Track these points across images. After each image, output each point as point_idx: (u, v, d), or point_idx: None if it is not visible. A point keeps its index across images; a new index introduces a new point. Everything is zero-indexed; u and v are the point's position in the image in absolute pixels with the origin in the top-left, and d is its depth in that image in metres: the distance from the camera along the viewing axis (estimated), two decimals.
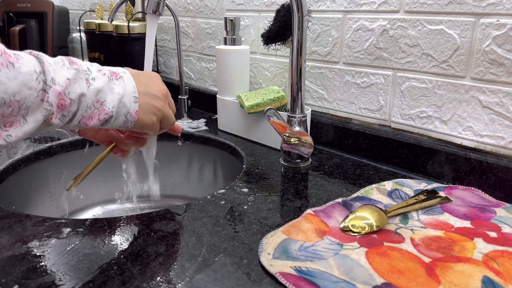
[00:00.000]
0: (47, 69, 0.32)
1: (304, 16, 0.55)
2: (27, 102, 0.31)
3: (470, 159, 0.52)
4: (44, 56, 0.33)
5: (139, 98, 0.39)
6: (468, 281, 0.33)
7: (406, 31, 0.58)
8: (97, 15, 1.11)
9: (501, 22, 0.49)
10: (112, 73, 0.37)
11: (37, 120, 0.32)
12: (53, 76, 0.32)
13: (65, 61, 0.34)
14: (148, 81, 0.41)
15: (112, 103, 0.36)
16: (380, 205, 0.46)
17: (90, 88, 0.35)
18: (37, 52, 0.33)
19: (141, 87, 0.39)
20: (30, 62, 0.31)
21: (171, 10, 0.79)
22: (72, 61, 0.35)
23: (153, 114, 0.40)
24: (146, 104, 0.39)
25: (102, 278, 0.34)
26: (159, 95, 0.41)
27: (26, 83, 0.30)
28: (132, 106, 0.38)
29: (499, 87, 0.51)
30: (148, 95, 0.40)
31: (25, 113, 0.31)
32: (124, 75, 0.38)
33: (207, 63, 0.94)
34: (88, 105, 0.35)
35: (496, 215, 0.44)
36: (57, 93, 0.32)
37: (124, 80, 0.38)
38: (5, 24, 1.23)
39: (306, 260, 0.36)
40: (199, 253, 0.38)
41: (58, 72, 0.33)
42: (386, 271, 0.35)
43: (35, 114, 0.32)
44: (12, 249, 0.38)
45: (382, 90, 0.62)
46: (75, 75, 0.34)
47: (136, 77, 0.39)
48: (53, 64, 0.33)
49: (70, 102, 0.33)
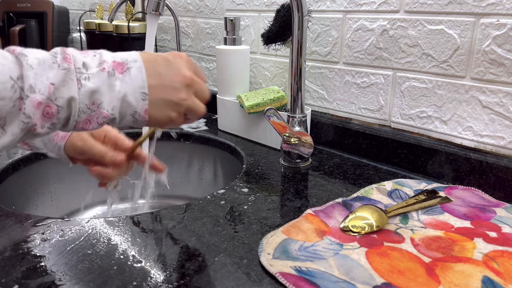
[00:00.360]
0: (26, 74, 0.28)
1: (304, 16, 0.55)
2: (1, 113, 0.27)
3: (470, 159, 0.52)
4: (29, 55, 0.29)
5: (149, 93, 0.32)
6: (468, 281, 0.33)
7: (406, 31, 0.58)
8: (97, 15, 1.10)
9: (501, 22, 0.49)
10: (117, 66, 0.32)
11: (14, 133, 0.28)
12: (33, 83, 0.28)
13: (58, 57, 0.30)
14: (165, 69, 0.34)
15: (111, 104, 0.31)
16: (380, 205, 0.46)
17: (81, 90, 0.30)
18: (20, 50, 0.29)
19: (154, 79, 0.33)
20: (6, 66, 0.27)
21: (171, 10, 0.79)
22: (66, 55, 0.30)
23: (170, 109, 0.34)
24: (159, 100, 0.33)
25: (102, 278, 0.34)
26: (178, 86, 0.34)
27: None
28: (139, 104, 0.32)
29: (499, 87, 0.51)
30: (163, 88, 0.33)
31: (2, 123, 0.27)
32: (133, 66, 0.32)
33: (207, 63, 0.94)
34: (81, 109, 0.30)
35: (496, 215, 0.44)
36: (37, 103, 0.28)
37: (131, 73, 0.32)
38: (5, 24, 1.23)
39: (306, 260, 0.36)
40: (199, 253, 0.38)
41: (40, 76, 0.28)
42: (386, 271, 0.35)
43: (12, 126, 0.28)
44: (12, 249, 0.38)
45: (382, 90, 0.62)
46: (63, 77, 0.29)
47: (152, 65, 0.33)
48: (35, 67, 0.28)
49: (57, 109, 0.29)
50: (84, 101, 0.30)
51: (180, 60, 0.35)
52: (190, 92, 0.35)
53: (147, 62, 0.33)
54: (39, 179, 0.68)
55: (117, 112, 0.32)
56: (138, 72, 0.32)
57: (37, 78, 0.28)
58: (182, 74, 0.34)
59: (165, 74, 0.33)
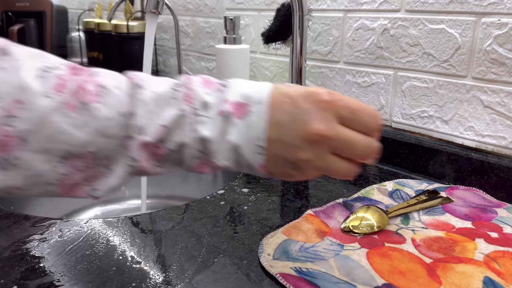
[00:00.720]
0: (138, 112, 0.24)
1: (304, 15, 0.55)
2: (106, 152, 0.24)
3: (472, 159, 0.52)
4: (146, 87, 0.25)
5: (267, 148, 0.27)
6: (469, 281, 0.33)
7: (407, 30, 0.57)
8: (96, 14, 1.10)
9: (503, 22, 0.49)
10: (238, 107, 0.26)
11: (120, 175, 0.25)
12: (143, 123, 0.25)
13: (179, 93, 0.26)
14: (289, 118, 0.26)
15: (223, 155, 0.27)
16: (381, 205, 0.46)
17: (194, 136, 0.26)
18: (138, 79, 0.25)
19: (274, 131, 0.26)
20: (118, 98, 0.24)
21: (171, 9, 0.79)
22: (188, 92, 0.26)
23: (288, 168, 0.28)
24: (276, 156, 0.27)
25: (101, 279, 0.34)
26: (298, 143, 0.26)
27: (101, 131, 0.24)
28: (255, 158, 0.27)
29: (501, 87, 0.51)
30: (281, 143, 0.26)
31: (107, 163, 0.25)
32: (256, 109, 0.26)
33: (207, 62, 0.94)
34: (193, 155, 0.27)
35: (498, 216, 0.44)
36: (144, 145, 0.25)
37: (250, 119, 0.26)
38: (3, 23, 1.22)
39: (306, 261, 0.36)
40: (198, 254, 0.38)
41: (154, 115, 0.25)
42: (387, 272, 0.34)
43: (118, 166, 0.25)
44: (11, 249, 0.38)
45: (383, 89, 0.62)
46: (178, 120, 0.26)
47: (274, 111, 0.26)
48: (150, 103, 0.25)
49: (167, 152, 0.26)
50: (196, 147, 0.27)
51: (314, 107, 0.26)
52: (318, 151, 0.26)
53: (274, 105, 0.27)
54: None
55: (231, 163, 0.28)
56: (258, 119, 0.26)
57: (149, 118, 0.25)
58: (307, 128, 0.26)
59: (287, 125, 0.26)
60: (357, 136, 0.27)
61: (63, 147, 0.23)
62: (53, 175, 0.24)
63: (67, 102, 0.23)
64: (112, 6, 0.96)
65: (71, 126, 0.23)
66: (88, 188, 0.26)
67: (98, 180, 0.25)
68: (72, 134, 0.23)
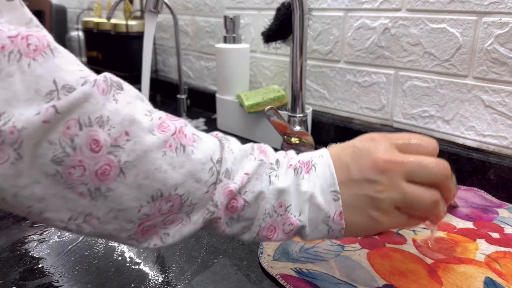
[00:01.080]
0: (225, 157, 0.26)
1: (304, 14, 0.54)
2: (192, 198, 0.24)
3: (473, 159, 0.52)
4: (231, 140, 0.27)
5: (341, 192, 0.26)
6: (471, 282, 0.33)
7: (408, 29, 0.57)
8: (95, 14, 1.10)
9: (504, 21, 0.49)
10: (303, 164, 0.27)
11: (197, 223, 0.25)
12: (230, 168, 0.25)
13: (255, 149, 0.27)
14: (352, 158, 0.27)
15: (298, 208, 0.27)
16: None
17: (271, 187, 0.26)
18: (225, 136, 0.27)
19: (343, 174, 0.26)
20: (209, 145, 0.25)
21: (170, 8, 0.79)
22: (262, 149, 0.28)
23: (369, 208, 0.26)
24: (352, 199, 0.26)
25: (100, 280, 0.34)
26: (371, 175, 0.26)
27: (194, 174, 0.24)
28: (332, 206, 0.26)
29: (502, 87, 0.50)
30: (353, 182, 0.26)
31: (189, 210, 0.25)
32: (318, 162, 0.27)
33: (207, 62, 0.94)
34: (267, 211, 0.26)
35: (499, 216, 0.44)
36: (228, 191, 0.25)
37: (317, 169, 0.27)
38: None
39: (306, 262, 0.36)
40: (198, 255, 0.37)
41: (239, 163, 0.26)
42: (387, 273, 0.34)
43: (197, 214, 0.25)
44: (9, 250, 0.38)
45: (383, 89, 0.62)
46: (257, 169, 0.26)
47: (337, 158, 0.27)
48: (236, 152, 0.26)
49: (243, 204, 0.26)
50: (271, 201, 0.26)
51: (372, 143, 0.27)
52: (392, 178, 0.26)
53: (334, 155, 0.28)
54: None
55: (306, 219, 0.27)
56: (325, 167, 0.27)
57: (235, 164, 0.26)
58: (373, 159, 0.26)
59: (352, 163, 0.26)
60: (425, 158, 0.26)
61: (157, 186, 0.23)
62: (137, 214, 0.24)
63: (168, 141, 0.24)
64: (111, 5, 0.96)
65: (168, 165, 0.23)
66: (162, 231, 0.25)
67: (174, 226, 0.25)
68: (168, 173, 0.23)
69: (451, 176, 0.27)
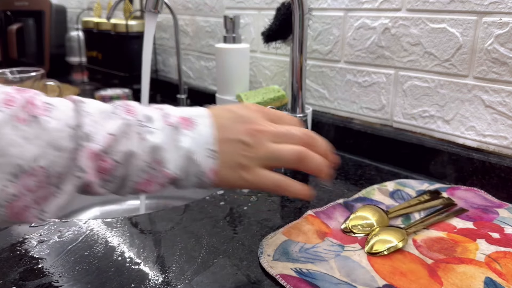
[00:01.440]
0: (83, 121, 0.25)
1: (304, 14, 0.54)
2: (56, 167, 0.24)
3: (473, 159, 0.52)
4: (88, 103, 0.26)
5: (217, 150, 0.29)
6: (471, 282, 0.33)
7: (408, 29, 0.57)
8: (95, 14, 1.10)
9: (504, 21, 0.49)
10: (183, 121, 0.29)
11: (69, 192, 0.25)
12: (89, 131, 0.25)
13: (119, 108, 0.27)
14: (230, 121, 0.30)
15: (174, 164, 0.28)
16: (382, 206, 0.46)
17: (143, 145, 0.27)
18: (80, 98, 0.27)
19: (221, 133, 0.29)
20: (64, 112, 0.25)
21: (170, 8, 0.79)
22: (128, 107, 0.28)
23: (237, 166, 0.29)
24: (226, 157, 0.29)
25: (100, 280, 0.34)
26: (244, 138, 0.30)
27: (53, 143, 0.24)
28: (207, 163, 0.28)
29: (502, 86, 0.50)
30: (228, 142, 0.29)
31: (58, 181, 0.25)
32: (201, 122, 0.29)
33: (207, 62, 0.94)
34: (141, 168, 0.27)
35: (499, 216, 0.44)
36: (92, 154, 0.25)
37: (199, 128, 0.29)
38: (2, 22, 1.22)
39: (306, 262, 0.36)
40: (198, 255, 0.37)
41: (99, 124, 0.26)
42: (387, 273, 0.34)
43: (68, 184, 0.25)
44: (9, 250, 0.38)
45: (384, 89, 0.62)
46: (124, 128, 0.26)
47: (219, 118, 0.30)
48: (95, 114, 0.26)
49: (114, 164, 0.26)
50: (145, 158, 0.27)
51: (250, 112, 0.31)
52: (261, 141, 0.30)
53: (214, 116, 0.30)
54: None
55: (182, 173, 0.28)
56: (205, 126, 0.29)
57: (95, 126, 0.26)
58: (249, 125, 0.30)
59: (231, 126, 0.30)
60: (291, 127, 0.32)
61: (15, 161, 0.23)
62: (3, 196, 0.23)
63: (16, 115, 0.23)
64: (111, 5, 0.96)
65: (22, 139, 0.23)
66: (37, 211, 0.25)
67: (48, 201, 0.25)
68: (24, 146, 0.23)
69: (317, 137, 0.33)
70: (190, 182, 0.29)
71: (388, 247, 0.37)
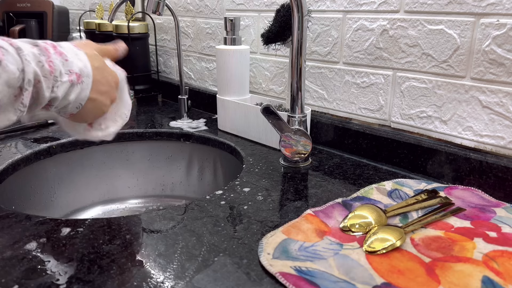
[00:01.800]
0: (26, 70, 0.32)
1: (304, 16, 0.55)
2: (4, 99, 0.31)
3: (470, 159, 0.52)
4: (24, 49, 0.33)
5: (85, 104, 0.39)
6: (468, 281, 0.33)
7: (406, 31, 0.58)
8: (97, 15, 1.10)
9: (501, 22, 0.49)
10: (78, 77, 0.38)
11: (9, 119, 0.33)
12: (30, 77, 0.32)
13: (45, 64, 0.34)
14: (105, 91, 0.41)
15: (59, 105, 0.37)
16: (380, 205, 0.46)
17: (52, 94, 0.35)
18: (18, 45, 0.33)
19: (94, 95, 0.39)
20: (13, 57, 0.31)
21: (171, 10, 0.79)
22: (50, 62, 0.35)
23: (93, 117, 0.42)
24: (89, 109, 0.40)
25: (102, 278, 0.34)
26: (107, 102, 0.42)
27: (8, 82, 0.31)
28: (71, 110, 0.39)
29: (499, 87, 0.51)
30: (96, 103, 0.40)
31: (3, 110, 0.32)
32: (85, 81, 0.38)
33: (207, 63, 0.94)
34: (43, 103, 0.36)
35: (496, 215, 0.44)
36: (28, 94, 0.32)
37: (83, 86, 0.38)
38: (5, 24, 1.23)
39: (306, 260, 0.36)
40: (199, 253, 0.38)
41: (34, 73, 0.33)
42: (386, 271, 0.35)
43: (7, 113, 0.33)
44: (12, 249, 0.38)
45: (382, 90, 0.62)
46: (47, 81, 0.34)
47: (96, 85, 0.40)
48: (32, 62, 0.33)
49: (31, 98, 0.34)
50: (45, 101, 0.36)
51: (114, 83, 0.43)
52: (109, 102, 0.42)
53: (95, 81, 0.39)
54: (39, 179, 0.68)
55: (58, 110, 0.38)
56: (86, 88, 0.39)
57: (32, 73, 0.33)
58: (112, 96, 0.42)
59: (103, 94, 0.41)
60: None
61: None
62: None
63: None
64: (113, 6, 0.96)
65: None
66: None
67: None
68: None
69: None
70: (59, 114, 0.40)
71: (386, 246, 0.38)
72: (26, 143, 0.69)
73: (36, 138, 0.72)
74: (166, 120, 0.84)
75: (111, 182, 0.77)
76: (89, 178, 0.75)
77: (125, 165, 0.78)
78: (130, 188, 0.79)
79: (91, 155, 0.75)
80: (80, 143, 0.72)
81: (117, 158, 0.77)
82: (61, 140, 0.71)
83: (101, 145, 0.75)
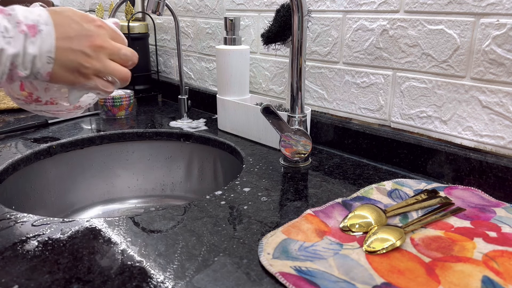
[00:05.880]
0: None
1: (304, 16, 0.55)
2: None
3: (470, 159, 0.52)
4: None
5: (56, 55, 0.35)
6: (468, 281, 0.33)
7: (406, 31, 0.58)
8: (97, 15, 1.10)
9: (501, 22, 0.49)
10: (30, 28, 0.34)
11: None
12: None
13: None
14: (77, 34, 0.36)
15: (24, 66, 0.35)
16: (380, 205, 0.46)
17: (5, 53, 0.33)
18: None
19: (63, 42, 0.36)
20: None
21: (171, 10, 0.79)
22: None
23: (76, 71, 0.37)
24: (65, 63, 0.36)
25: (101, 278, 0.34)
26: (86, 50, 0.37)
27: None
28: (45, 67, 0.35)
29: (499, 87, 0.51)
30: (71, 51, 0.36)
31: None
32: (44, 29, 0.35)
33: (207, 63, 0.94)
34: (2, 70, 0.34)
35: (496, 215, 0.44)
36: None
37: (42, 36, 0.34)
38: None
39: (306, 260, 0.36)
40: (199, 253, 0.38)
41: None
42: (386, 271, 0.35)
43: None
44: (12, 249, 0.38)
45: (382, 90, 0.63)
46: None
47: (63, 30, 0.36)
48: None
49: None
50: (6, 63, 0.34)
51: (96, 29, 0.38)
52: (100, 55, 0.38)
53: (60, 25, 0.36)
54: (39, 179, 0.68)
55: (28, 72, 0.35)
56: (48, 36, 0.35)
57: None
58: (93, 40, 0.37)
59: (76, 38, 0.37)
60: (122, 46, 0.40)
61: None
62: None
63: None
64: (113, 6, 0.96)
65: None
66: None
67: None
68: None
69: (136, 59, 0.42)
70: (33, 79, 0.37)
71: (386, 246, 0.38)
72: (26, 143, 0.69)
73: (36, 138, 0.72)
74: (166, 120, 0.85)
75: (111, 182, 0.77)
76: (89, 178, 0.75)
77: (125, 165, 0.78)
78: (130, 188, 0.79)
79: (91, 155, 0.75)
80: (80, 143, 0.73)
81: (117, 158, 0.77)
82: (61, 140, 0.71)
83: (101, 145, 0.75)
